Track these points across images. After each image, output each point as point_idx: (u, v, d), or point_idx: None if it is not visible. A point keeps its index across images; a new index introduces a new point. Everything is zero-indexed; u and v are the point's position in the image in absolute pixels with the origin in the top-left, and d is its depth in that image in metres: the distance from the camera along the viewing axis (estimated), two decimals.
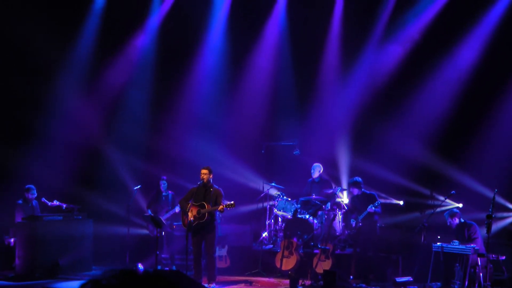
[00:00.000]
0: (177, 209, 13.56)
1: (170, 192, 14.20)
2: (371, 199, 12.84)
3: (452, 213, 12.34)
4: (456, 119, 14.60)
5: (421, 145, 14.79)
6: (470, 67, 14.62)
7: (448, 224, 12.29)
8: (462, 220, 12.20)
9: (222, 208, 11.54)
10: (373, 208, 12.60)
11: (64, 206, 13.97)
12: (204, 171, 12.00)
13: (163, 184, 14.15)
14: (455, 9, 14.68)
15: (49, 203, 13.97)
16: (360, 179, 13.03)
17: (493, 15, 14.57)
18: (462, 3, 14.67)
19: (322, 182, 14.74)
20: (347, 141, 15.51)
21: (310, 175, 14.78)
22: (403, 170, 14.61)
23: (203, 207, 11.78)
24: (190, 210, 11.81)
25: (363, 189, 12.97)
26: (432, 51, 14.96)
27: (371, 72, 15.43)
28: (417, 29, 15.07)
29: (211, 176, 12.01)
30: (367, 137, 15.19)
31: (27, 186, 13.88)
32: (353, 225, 12.92)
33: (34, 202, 13.92)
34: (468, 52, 14.68)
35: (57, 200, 14.02)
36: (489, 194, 12.73)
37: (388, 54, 15.36)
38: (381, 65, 15.38)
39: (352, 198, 13.23)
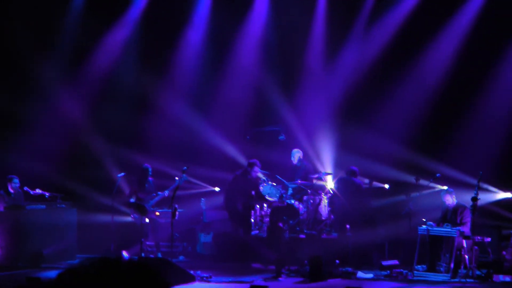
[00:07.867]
0: (166, 193, 13.65)
1: (150, 178, 14.15)
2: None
3: (450, 191, 12.27)
4: (439, 110, 14.66)
5: (405, 136, 14.75)
6: (450, 58, 14.69)
7: (446, 203, 12.22)
8: (456, 201, 12.20)
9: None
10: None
11: (47, 194, 13.81)
12: None
13: (148, 171, 14.11)
14: (434, 2, 14.74)
15: (32, 192, 13.77)
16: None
17: (472, 7, 14.65)
18: None
19: (303, 167, 14.69)
20: (331, 129, 15.44)
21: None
22: (388, 159, 14.60)
23: None
24: None
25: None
26: (414, 42, 15.01)
27: (355, 61, 15.42)
28: (397, 20, 15.07)
29: None
30: (350, 125, 15.13)
31: (9, 176, 13.70)
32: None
33: (17, 191, 13.74)
34: (449, 43, 14.77)
35: (40, 188, 13.85)
36: (472, 181, 12.69)
37: (372, 44, 15.34)
38: (365, 54, 15.38)
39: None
